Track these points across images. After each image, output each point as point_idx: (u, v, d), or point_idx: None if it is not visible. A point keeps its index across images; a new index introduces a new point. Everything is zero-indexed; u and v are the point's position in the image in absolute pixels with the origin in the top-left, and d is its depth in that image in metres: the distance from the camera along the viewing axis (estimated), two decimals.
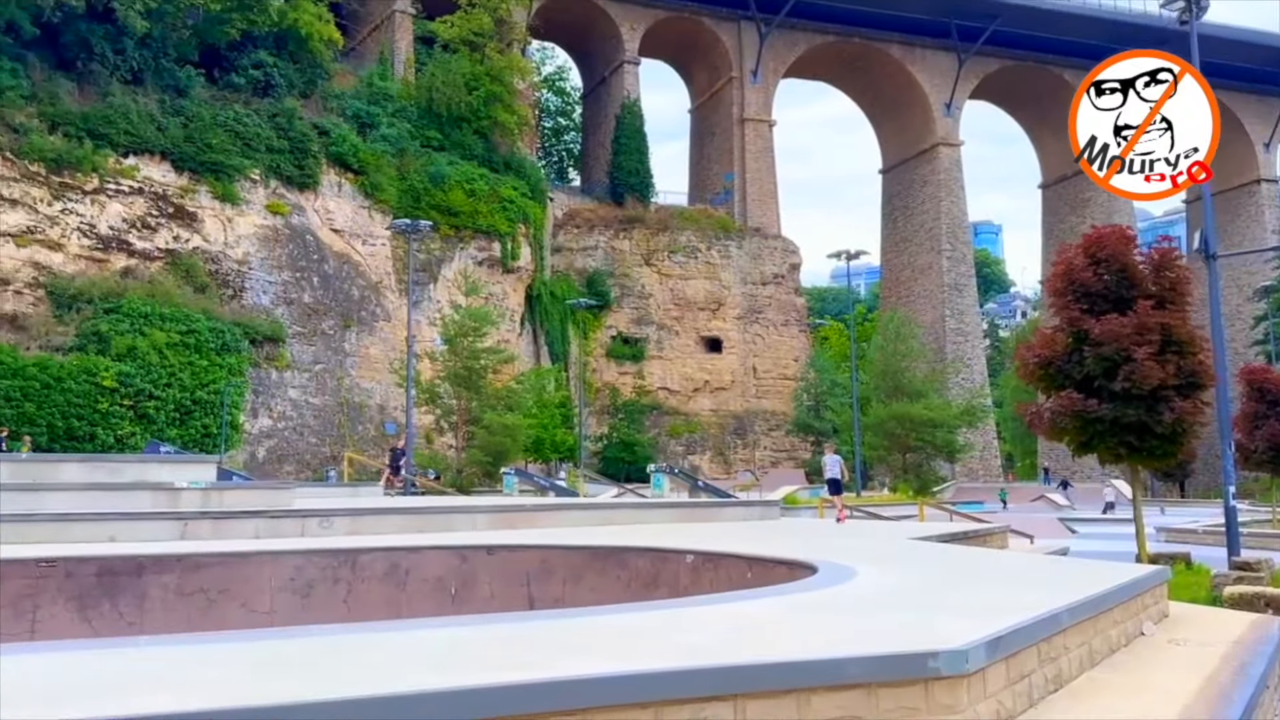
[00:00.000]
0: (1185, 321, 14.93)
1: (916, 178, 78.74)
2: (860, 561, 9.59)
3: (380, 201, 49.81)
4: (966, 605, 6.14)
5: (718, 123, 76.78)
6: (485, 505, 16.93)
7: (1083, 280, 15.02)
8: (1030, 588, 7.36)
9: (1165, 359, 14.34)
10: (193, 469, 16.66)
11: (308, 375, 45.14)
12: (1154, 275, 15.16)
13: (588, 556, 11.96)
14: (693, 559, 11.06)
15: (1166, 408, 14.26)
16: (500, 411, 38.50)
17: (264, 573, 11.77)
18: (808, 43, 75.68)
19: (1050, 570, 8.77)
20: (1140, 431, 14.54)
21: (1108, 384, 14.33)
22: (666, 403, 68.23)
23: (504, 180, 56.81)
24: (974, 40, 75.14)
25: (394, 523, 15.50)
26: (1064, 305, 15.06)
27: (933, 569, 8.95)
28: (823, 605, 6.31)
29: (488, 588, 12.23)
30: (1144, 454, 14.96)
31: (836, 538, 13.58)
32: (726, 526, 17.20)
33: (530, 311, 59.89)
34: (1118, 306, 14.77)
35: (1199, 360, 14.70)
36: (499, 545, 12.36)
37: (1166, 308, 14.76)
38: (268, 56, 47.63)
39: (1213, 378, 14.95)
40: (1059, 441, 16.15)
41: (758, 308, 71.20)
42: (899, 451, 43.77)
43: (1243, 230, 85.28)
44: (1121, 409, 14.41)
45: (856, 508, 23.83)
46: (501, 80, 57.25)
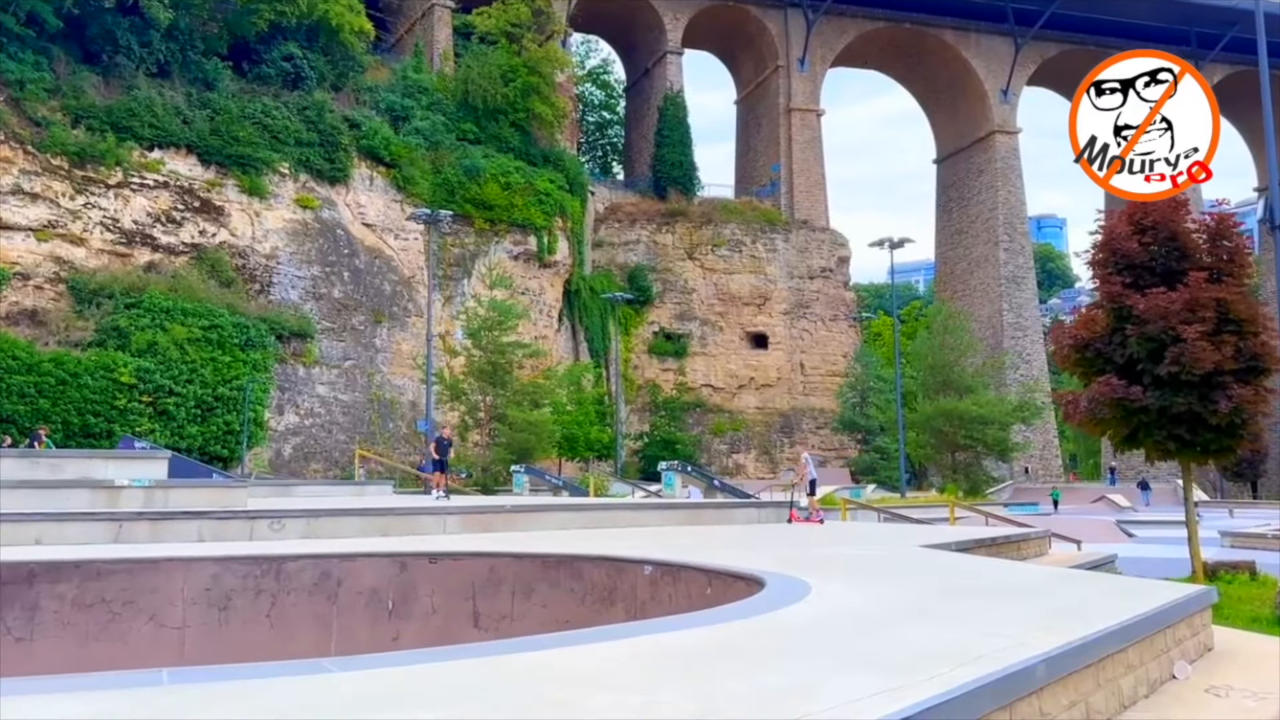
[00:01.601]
0: (1245, 297, 12.96)
1: (972, 167, 75.87)
2: (833, 577, 8.00)
3: (413, 195, 48.91)
4: (905, 652, 4.51)
5: (764, 113, 74.81)
6: (459, 506, 15.55)
7: (1126, 251, 13.14)
8: (1019, 620, 5.68)
9: (1221, 339, 12.41)
10: (140, 466, 15.53)
11: (337, 372, 44.40)
12: (1209, 245, 13.20)
13: (539, 566, 10.51)
14: (651, 570, 9.55)
15: (1223, 395, 12.32)
16: (527, 408, 37.22)
17: (175, 582, 10.49)
18: (857, 29, 73.32)
19: (1062, 591, 7.08)
20: (1192, 423, 12.63)
21: (1153, 368, 12.45)
22: (710, 400, 66.50)
23: (540, 173, 55.63)
24: (1031, 24, 72.13)
25: (354, 525, 14.22)
26: (1105, 279, 13.19)
27: (914, 587, 7.31)
28: (723, 647, 4.77)
29: (429, 601, 10.83)
30: (1197, 449, 13.02)
31: (832, 545, 11.92)
32: (729, 531, 15.61)
33: (569, 307, 58.63)
34: (1166, 280, 12.86)
35: (1262, 341, 12.71)
36: (442, 553, 10.95)
37: (1223, 281, 12.81)
38: (297, 49, 47.04)
39: (1278, 361, 12.94)
40: (1099, 435, 14.25)
41: (805, 302, 69.10)
42: (948, 450, 41.52)
43: None
44: (1170, 397, 12.50)
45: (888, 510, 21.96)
46: (539, 72, 56.06)
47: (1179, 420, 12.59)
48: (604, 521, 16.11)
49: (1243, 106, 76.60)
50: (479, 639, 10.42)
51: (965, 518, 22.13)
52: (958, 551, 12.34)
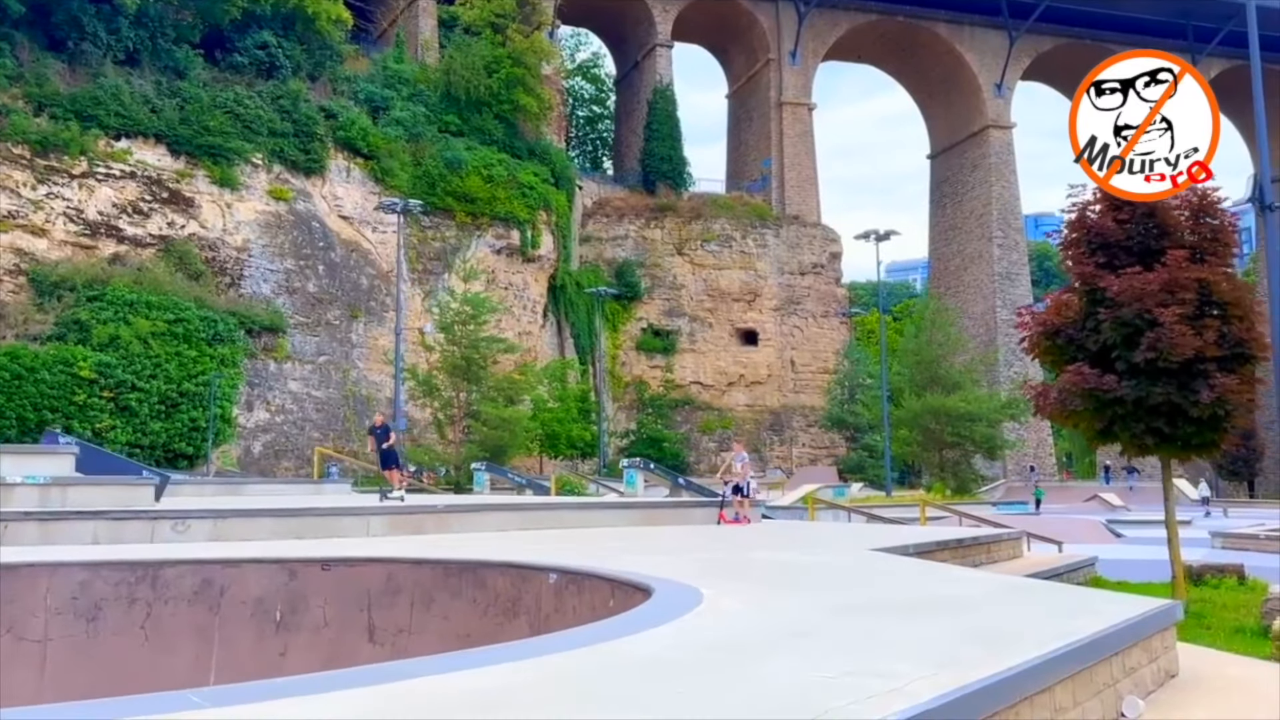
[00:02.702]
0: (1230, 278, 11.92)
1: (966, 162, 74.83)
2: (740, 588, 6.98)
3: (392, 187, 47.81)
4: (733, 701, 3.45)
5: (755, 107, 73.78)
6: (385, 507, 14.49)
7: (1101, 229, 12.11)
8: (924, 648, 4.63)
9: (1203, 324, 11.38)
10: (39, 461, 14.48)
11: (310, 367, 43.36)
12: (1191, 223, 12.15)
13: (440, 574, 9.47)
14: (555, 579, 8.53)
15: (1204, 385, 11.28)
16: (502, 404, 36.18)
17: (37, 589, 9.42)
18: (849, 22, 72.27)
19: (997, 607, 6.01)
20: (1171, 415, 11.58)
21: (1128, 355, 11.42)
22: (699, 397, 65.46)
23: (525, 166, 54.59)
24: (1025, 17, 71.09)
25: (266, 527, 13.15)
26: (1077, 259, 12.16)
27: (825, 601, 6.27)
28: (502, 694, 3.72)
29: (320, 612, 9.77)
30: (1176, 443, 11.98)
31: (773, 549, 10.88)
32: (674, 533, 14.56)
33: (554, 303, 57.57)
34: (1144, 260, 11.82)
35: (1248, 326, 11.67)
36: (336, 559, 9.91)
37: (1206, 261, 11.77)
38: (272, 37, 45.99)
39: (1266, 348, 11.89)
40: (1072, 427, 13.20)
41: (796, 298, 68.09)
42: (936, 448, 40.48)
43: None
44: (1147, 387, 11.46)
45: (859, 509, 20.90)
46: (524, 63, 55.01)
47: (1157, 412, 11.56)
48: (548, 522, 15.07)
49: (1239, 102, 75.40)
50: (373, 655, 9.39)
51: (941, 518, 21.09)
52: (910, 556, 11.31)
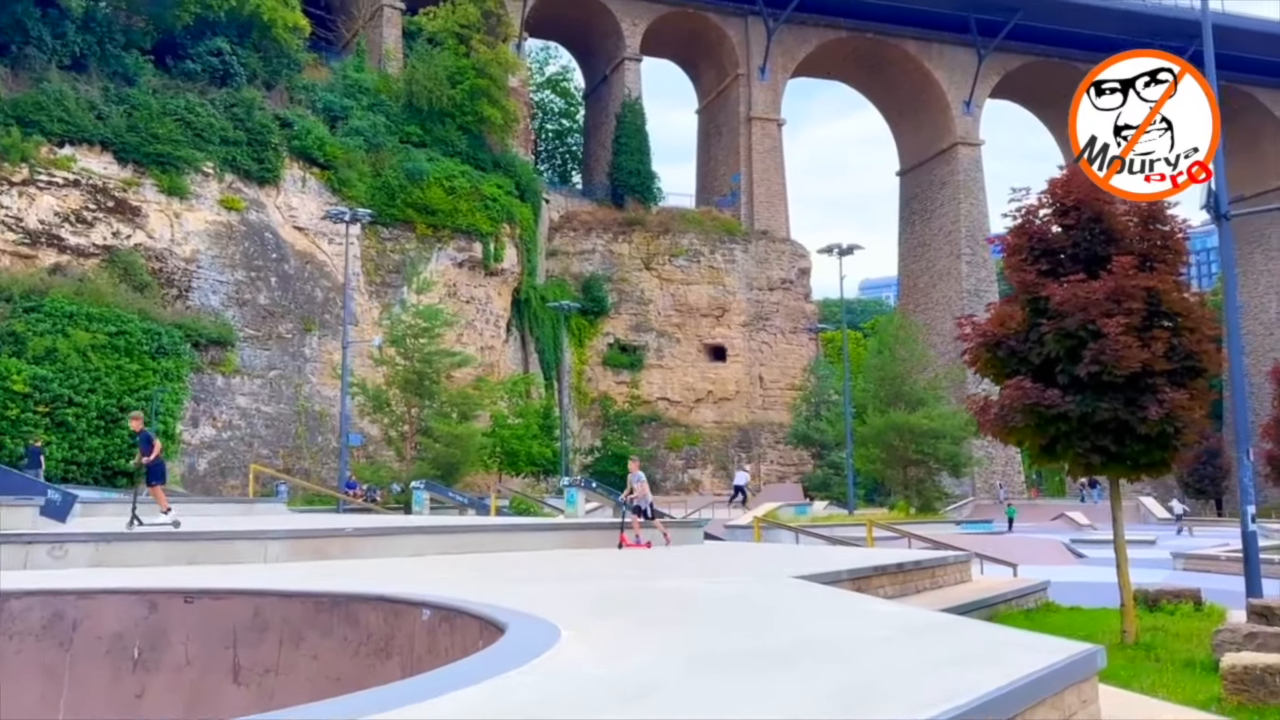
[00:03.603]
0: (1180, 287, 11.26)
1: (935, 179, 74.78)
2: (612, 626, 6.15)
3: (349, 198, 46.80)
4: None
5: (725, 122, 73.44)
6: (286, 530, 13.52)
7: (1044, 234, 11.43)
8: (779, 707, 3.81)
9: (1151, 335, 10.69)
10: None
11: (260, 382, 42.19)
12: (1140, 229, 11.49)
13: (311, 609, 8.54)
14: (429, 615, 7.65)
15: (1153, 400, 10.59)
16: (455, 420, 35.19)
17: None
18: (819, 38, 72.12)
19: (886, 653, 5.19)
20: (1118, 432, 10.88)
21: (1072, 368, 10.72)
22: (666, 414, 64.66)
23: (489, 178, 53.76)
24: (994, 35, 71.20)
25: (156, 552, 12.14)
26: (1019, 267, 11.46)
27: (693, 644, 5.44)
28: None
29: (183, 649, 8.80)
30: (1124, 462, 11.26)
31: (683, 576, 10.05)
32: (590, 557, 13.68)
33: (518, 317, 56.64)
34: (1090, 268, 11.13)
35: (1198, 338, 11.00)
36: (200, 590, 8.99)
37: (1154, 269, 11.11)
38: (226, 44, 44.98)
39: (1218, 362, 11.23)
40: (1014, 445, 12.47)
41: (765, 314, 67.53)
42: (900, 465, 39.85)
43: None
44: (1092, 402, 10.75)
45: (806, 529, 20.08)
46: (488, 75, 54.27)
47: (1103, 429, 10.85)
48: (471, 546, 14.16)
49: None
50: (238, 698, 8.47)
51: (890, 539, 20.33)
52: (843, 583, 10.51)
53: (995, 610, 13.28)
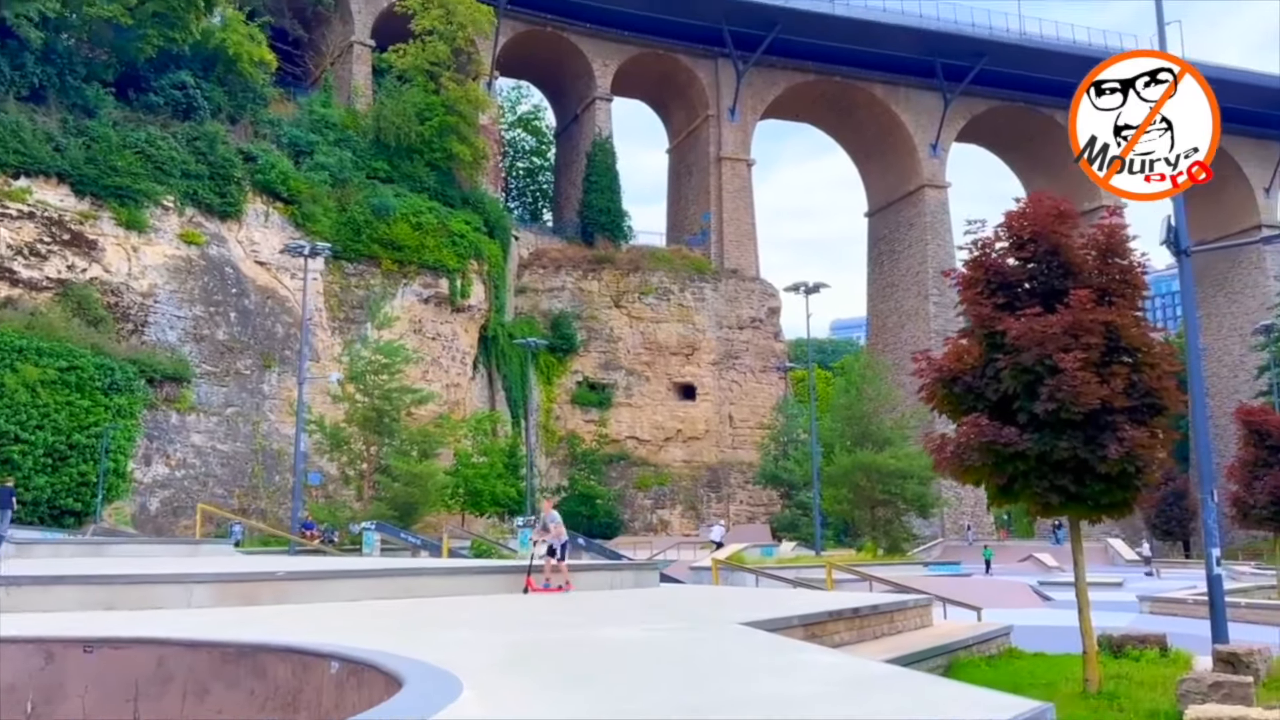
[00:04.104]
0: (1139, 322, 10.99)
1: (902, 220, 75.35)
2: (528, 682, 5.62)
3: (313, 233, 46.22)
4: None
5: (695, 162, 73.76)
6: (214, 574, 12.84)
7: (1001, 267, 11.14)
8: None
9: (1110, 371, 10.38)
10: None
11: (216, 419, 41.23)
12: (1099, 263, 11.23)
13: (217, 659, 7.93)
14: (337, 668, 7.09)
15: (1112, 438, 10.24)
16: (415, 459, 34.44)
17: None
18: (787, 81, 72.83)
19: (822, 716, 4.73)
20: (1078, 471, 10.51)
21: (1030, 405, 10.37)
22: (635, 453, 64.05)
23: (457, 215, 53.42)
24: (960, 80, 72.20)
25: (71, 596, 11.42)
26: (975, 300, 11.15)
27: (613, 700, 4.94)
28: None
29: (79, 702, 8.16)
30: (1085, 502, 10.89)
31: (623, 623, 9.51)
32: (538, 601, 13.11)
33: (485, 354, 56.03)
34: (1047, 302, 10.84)
35: (1159, 374, 10.69)
36: (100, 639, 8.35)
37: (1113, 303, 10.83)
38: (190, 78, 44.55)
39: (1178, 399, 10.92)
40: (972, 484, 12.08)
41: (734, 353, 67.35)
42: (867, 506, 39.45)
43: (1243, 277, 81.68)
44: (1050, 440, 10.39)
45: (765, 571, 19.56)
46: (458, 111, 54.18)
47: (1062, 468, 10.49)
48: (412, 590, 13.53)
49: None
50: None
51: (850, 580, 19.86)
52: (794, 628, 10.00)
53: (956, 657, 12.80)
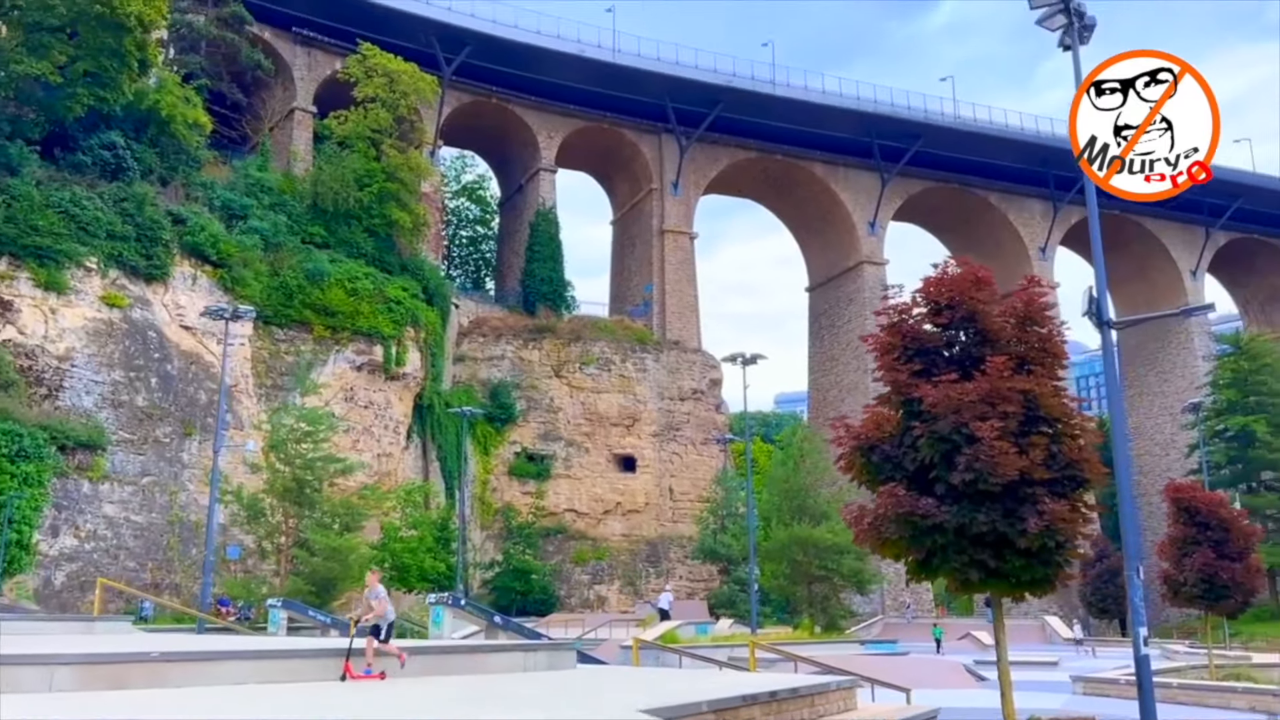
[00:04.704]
0: (1058, 392, 10.69)
1: (842, 295, 76.27)
2: None
3: (243, 297, 45.14)
4: None
5: (638, 234, 74.19)
6: (78, 655, 11.76)
7: (918, 333, 10.83)
8: None
9: (1029, 441, 10.02)
10: None
11: (131, 489, 39.45)
12: (1017, 330, 10.97)
13: None
14: None
15: (1032, 511, 9.84)
16: (336, 532, 33.10)
17: None
18: (730, 158, 74.03)
19: None
20: (997, 546, 10.08)
21: (947, 475, 9.95)
22: (573, 526, 62.80)
23: (394, 281, 52.71)
24: (897, 160, 74.00)
25: None
26: (891, 366, 10.79)
27: None
28: None
29: None
30: (1006, 579, 10.44)
31: (514, 709, 8.74)
32: (450, 685, 12.22)
33: (420, 423, 54.79)
34: (965, 369, 10.50)
35: (1079, 445, 10.37)
36: None
37: (1031, 372, 10.53)
38: (121, 138, 43.69)
39: (1100, 471, 10.58)
40: (891, 558, 11.58)
41: (675, 424, 66.86)
42: (804, 582, 38.77)
43: (1173, 357, 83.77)
44: (969, 513, 9.95)
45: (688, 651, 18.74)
46: (398, 178, 53.91)
47: (981, 542, 10.05)
48: (299, 673, 12.55)
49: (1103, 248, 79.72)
50: None
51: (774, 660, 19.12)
52: (695, 717, 9.29)
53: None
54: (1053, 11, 14.79)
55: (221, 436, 30.70)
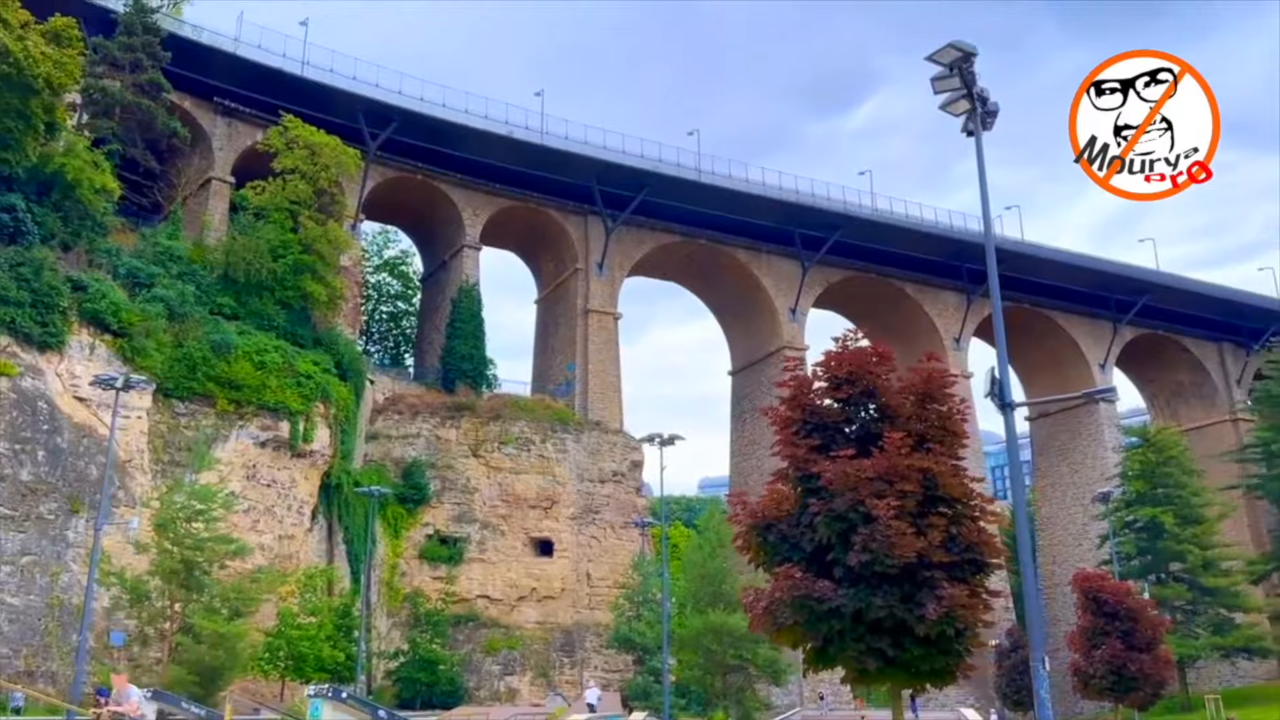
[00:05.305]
0: (958, 473, 10.32)
1: (764, 380, 76.62)
2: None
3: (143, 368, 43.30)
4: None
5: (563, 313, 73.96)
6: None
7: (817, 407, 10.42)
8: None
9: (928, 522, 9.59)
10: None
11: (9, 569, 36.86)
12: (917, 407, 10.64)
13: None
14: None
15: (931, 596, 9.36)
16: (225, 617, 31.13)
17: None
18: (655, 241, 74.69)
19: None
20: (895, 633, 9.54)
21: (844, 556, 9.43)
22: (485, 613, 60.50)
23: (305, 355, 51.22)
24: (817, 248, 75.49)
25: None
26: (790, 441, 10.33)
27: None
28: None
29: None
30: (905, 669, 9.88)
31: None
32: None
33: (326, 503, 52.74)
34: (863, 445, 10.09)
35: (980, 528, 9.97)
36: None
37: (930, 450, 10.16)
38: (22, 201, 42.08)
39: (1001, 554, 10.17)
40: (789, 645, 10.94)
41: (594, 507, 65.57)
42: (719, 672, 37.70)
43: (1084, 448, 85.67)
44: (866, 597, 9.42)
45: None
46: (315, 250, 52.89)
47: (879, 629, 9.50)
48: None
49: (1014, 340, 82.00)
50: None
51: None
52: None
53: None
54: (956, 97, 14.89)
55: (105, 514, 28.82)
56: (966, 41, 14.30)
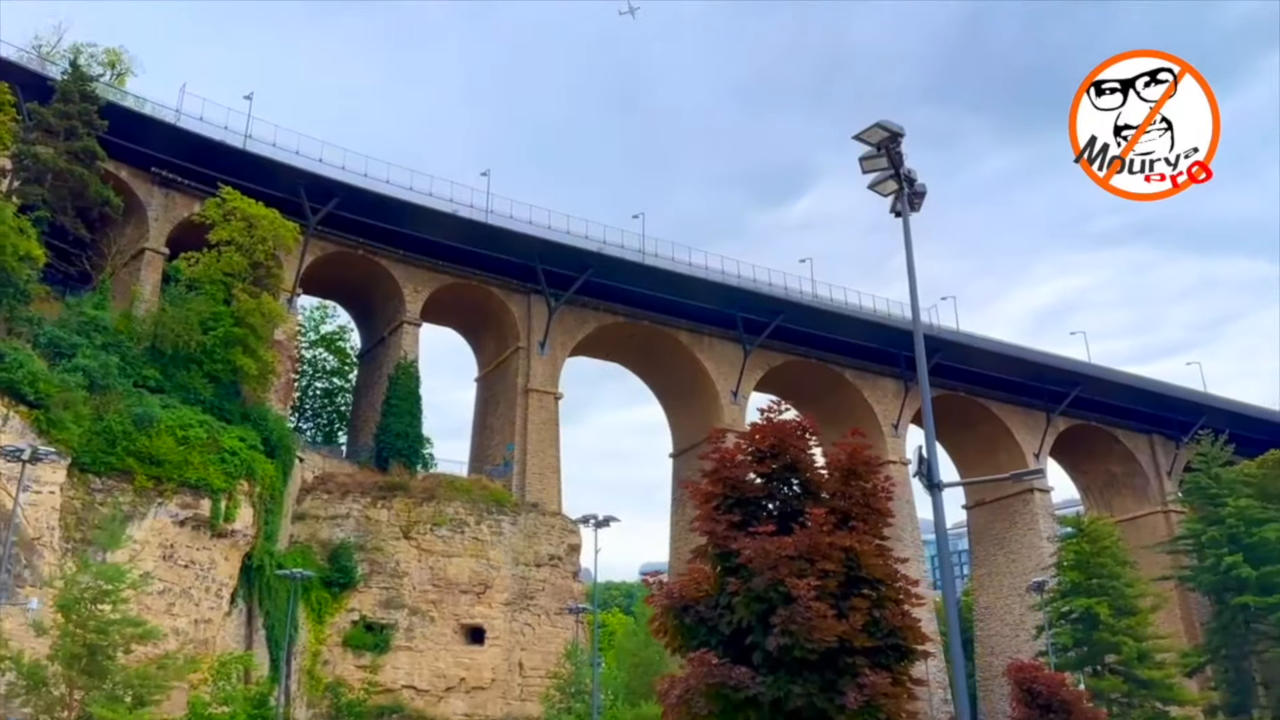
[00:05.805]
0: (883, 551, 9.92)
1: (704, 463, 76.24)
2: None
3: (59, 441, 41.44)
4: None
5: (503, 393, 73.11)
6: None
7: (738, 481, 9.99)
8: None
9: (851, 604, 9.14)
10: None
11: None
12: (840, 484, 10.27)
13: None
14: None
15: (852, 683, 8.85)
16: (127, 707, 29.22)
17: None
18: (598, 321, 74.71)
19: None
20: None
21: (762, 640, 8.90)
22: (411, 704, 57.95)
23: (231, 430, 49.55)
24: (759, 333, 76.16)
25: None
26: (710, 516, 9.88)
27: None
28: None
29: None
30: None
31: None
32: None
33: (247, 585, 50.46)
34: (784, 522, 9.65)
35: (904, 611, 9.54)
36: None
37: (854, 528, 9.77)
38: None
39: (924, 639, 9.73)
40: None
41: (529, 593, 63.79)
42: None
43: (1020, 537, 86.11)
44: (785, 684, 8.88)
45: None
46: (247, 323, 51.71)
47: (798, 719, 8.93)
48: None
49: (950, 427, 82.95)
50: None
51: None
52: None
53: None
54: (884, 177, 14.93)
55: (4, 593, 27.06)
56: (893, 122, 14.40)
